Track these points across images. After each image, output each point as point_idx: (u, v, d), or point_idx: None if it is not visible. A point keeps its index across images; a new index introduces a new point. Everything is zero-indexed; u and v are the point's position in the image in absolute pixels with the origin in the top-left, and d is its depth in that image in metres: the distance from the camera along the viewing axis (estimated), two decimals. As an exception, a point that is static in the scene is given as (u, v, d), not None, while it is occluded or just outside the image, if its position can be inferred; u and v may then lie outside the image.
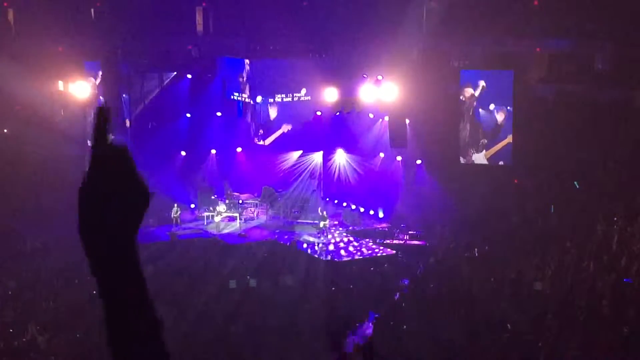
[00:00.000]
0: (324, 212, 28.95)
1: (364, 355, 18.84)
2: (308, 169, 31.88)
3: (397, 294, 22.97)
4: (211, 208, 30.28)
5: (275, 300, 21.77)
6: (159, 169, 31.68)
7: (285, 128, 31.88)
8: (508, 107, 29.17)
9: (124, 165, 1.75)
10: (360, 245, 27.76)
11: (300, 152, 32.26)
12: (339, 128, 32.51)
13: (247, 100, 32.34)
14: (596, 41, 28.72)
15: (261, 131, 32.30)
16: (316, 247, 27.47)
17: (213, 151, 33.09)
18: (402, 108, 30.18)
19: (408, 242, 27.91)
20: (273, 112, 32.10)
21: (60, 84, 31.14)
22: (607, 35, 28.23)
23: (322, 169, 31.81)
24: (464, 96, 29.77)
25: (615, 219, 23.74)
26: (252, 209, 31.10)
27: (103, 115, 1.76)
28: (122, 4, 32.87)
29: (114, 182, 1.72)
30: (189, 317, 20.60)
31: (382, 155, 31.41)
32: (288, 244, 27.56)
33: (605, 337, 17.95)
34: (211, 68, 33.29)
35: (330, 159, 32.00)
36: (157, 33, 32.82)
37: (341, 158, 31.90)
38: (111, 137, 1.77)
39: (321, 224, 28.37)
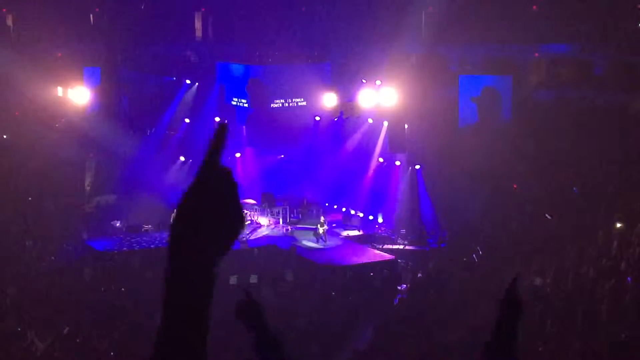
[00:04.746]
0: (323, 218, 28.95)
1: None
2: (307, 174, 31.88)
3: (397, 299, 22.98)
4: None
5: (274, 305, 21.75)
6: (158, 174, 31.73)
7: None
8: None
9: (228, 188, 1.72)
10: (360, 250, 27.74)
11: (300, 157, 32.29)
12: (338, 133, 32.55)
13: (245, 105, 32.40)
14: (594, 46, 28.79)
15: None
16: (315, 253, 27.46)
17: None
18: (401, 113, 30.23)
19: (407, 247, 27.91)
20: None
21: (60, 90, 31.19)
22: (605, 40, 28.30)
23: (321, 174, 31.81)
24: None
25: (614, 223, 23.75)
26: (252, 215, 31.09)
27: (223, 134, 1.73)
28: (122, 10, 32.94)
29: (216, 204, 1.69)
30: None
31: (381, 160, 31.43)
32: (287, 249, 27.56)
33: (604, 342, 17.95)
34: (210, 73, 33.34)
35: (329, 164, 32.00)
36: (156, 39, 32.88)
37: (340, 163, 31.91)
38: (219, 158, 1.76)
39: (320, 230, 28.36)
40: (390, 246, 27.94)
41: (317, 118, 32.18)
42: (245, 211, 29.80)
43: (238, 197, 1.74)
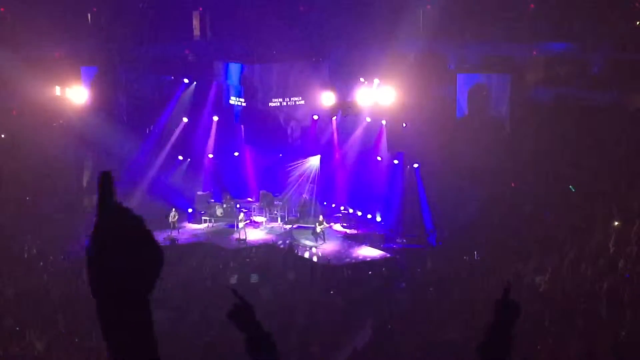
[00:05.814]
0: (321, 216, 28.95)
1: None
2: (305, 172, 31.89)
3: (395, 297, 22.96)
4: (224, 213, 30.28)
5: (272, 304, 21.76)
6: (156, 173, 31.73)
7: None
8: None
9: (132, 229, 1.70)
10: (358, 249, 27.75)
11: (298, 156, 32.29)
12: (337, 132, 32.54)
13: (243, 104, 32.38)
14: (592, 45, 28.79)
15: None
16: (313, 251, 27.49)
17: (210, 155, 33.10)
18: (399, 111, 30.24)
19: (406, 245, 27.91)
20: None
21: (57, 89, 31.16)
22: (602, 39, 28.31)
23: (319, 172, 31.82)
24: None
25: (612, 222, 23.76)
26: (250, 213, 31.11)
27: (107, 181, 1.71)
28: (119, 9, 32.90)
29: (123, 246, 1.67)
30: (187, 321, 20.60)
31: (379, 158, 31.44)
32: (285, 248, 27.57)
33: (603, 340, 17.96)
34: (208, 73, 33.30)
35: (327, 163, 32.00)
36: (154, 38, 32.84)
37: (338, 162, 31.92)
38: (115, 200, 1.72)
39: (318, 228, 28.36)
40: (388, 245, 27.94)
41: (315, 117, 32.18)
42: (244, 210, 30.02)
43: (147, 233, 1.70)
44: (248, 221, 29.95)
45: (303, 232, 29.37)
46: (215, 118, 33.02)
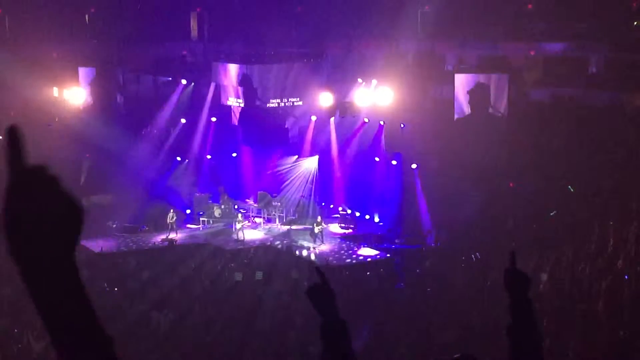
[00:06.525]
0: (319, 217, 28.92)
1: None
2: (303, 173, 31.87)
3: (394, 298, 22.94)
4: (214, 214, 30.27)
5: (270, 305, 21.74)
6: (154, 175, 31.69)
7: None
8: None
9: (47, 185, 1.62)
10: (357, 250, 27.73)
11: (296, 157, 32.28)
12: (335, 132, 32.53)
13: (241, 105, 32.36)
14: (590, 44, 28.83)
15: None
16: (311, 250, 27.47)
17: (208, 156, 33.06)
18: (397, 112, 30.26)
19: (404, 246, 27.89)
20: None
21: (55, 90, 31.16)
22: (600, 38, 28.35)
23: (317, 173, 31.80)
24: None
25: (610, 222, 23.77)
26: (249, 214, 31.09)
27: (14, 135, 1.60)
28: (117, 10, 32.90)
29: (38, 204, 1.61)
30: (187, 322, 20.58)
31: (377, 159, 31.43)
32: (283, 248, 27.54)
33: (602, 340, 17.95)
34: (206, 73, 33.30)
35: (325, 163, 31.98)
36: (152, 39, 32.84)
37: (337, 162, 31.90)
38: (25, 157, 1.66)
39: (316, 229, 28.33)
40: (386, 245, 27.92)
41: (314, 117, 32.16)
42: (242, 211, 29.93)
43: (62, 188, 1.63)
44: (247, 222, 29.91)
45: (301, 232, 29.34)
46: (214, 119, 32.99)
